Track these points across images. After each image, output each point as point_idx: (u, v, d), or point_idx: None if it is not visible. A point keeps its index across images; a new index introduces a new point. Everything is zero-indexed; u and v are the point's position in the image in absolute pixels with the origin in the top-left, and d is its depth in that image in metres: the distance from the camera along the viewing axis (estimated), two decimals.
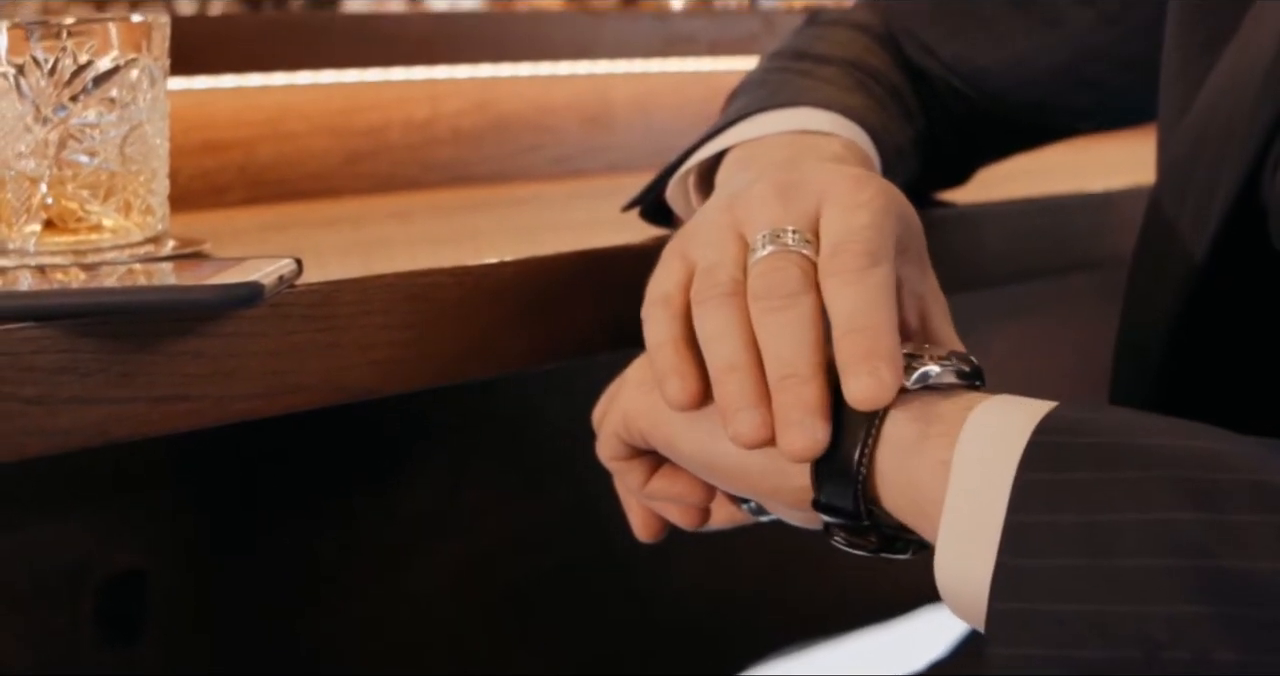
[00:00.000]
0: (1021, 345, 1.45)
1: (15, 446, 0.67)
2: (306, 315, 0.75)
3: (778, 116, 0.87)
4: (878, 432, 0.65)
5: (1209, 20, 0.84)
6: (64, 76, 0.83)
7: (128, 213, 0.86)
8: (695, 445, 0.70)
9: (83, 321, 0.68)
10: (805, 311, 0.66)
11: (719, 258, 0.70)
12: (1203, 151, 0.79)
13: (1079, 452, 0.60)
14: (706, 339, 0.67)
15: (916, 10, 1.03)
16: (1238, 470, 0.58)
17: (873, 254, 0.67)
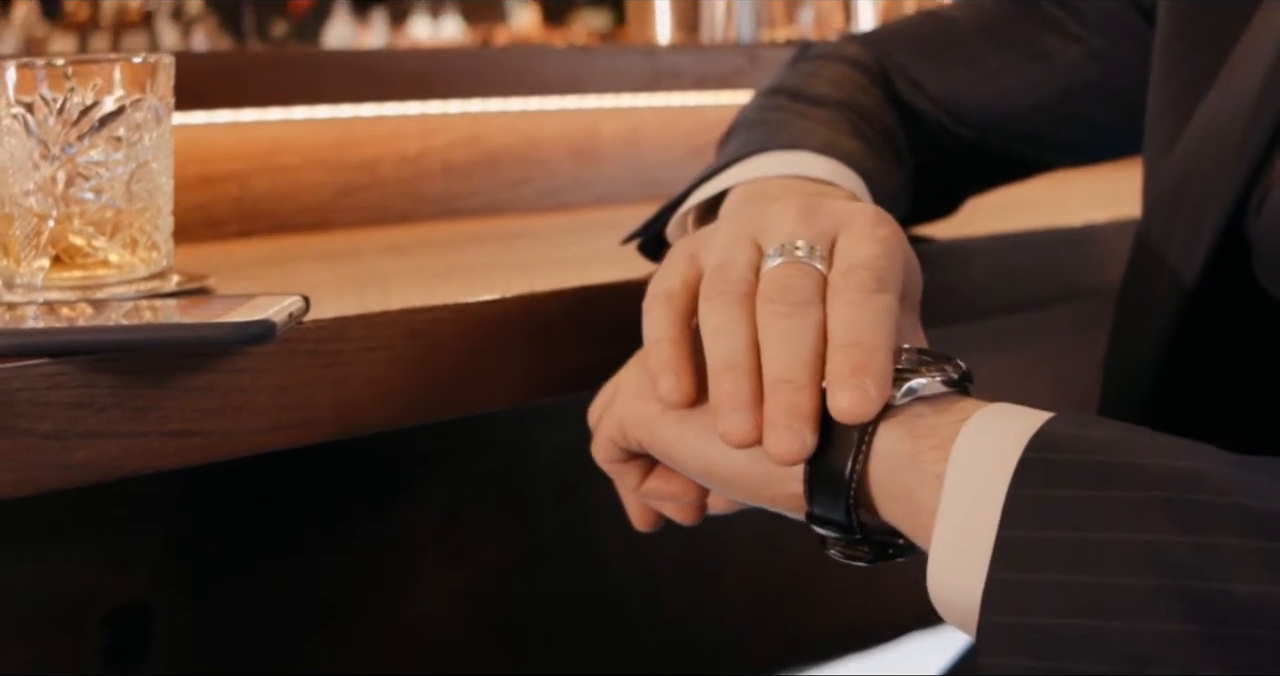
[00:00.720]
0: (1004, 376, 1.47)
1: (32, 480, 0.69)
2: (314, 351, 0.77)
3: (777, 159, 0.89)
4: (869, 446, 0.66)
5: (1195, 58, 0.86)
6: (72, 116, 0.85)
7: (134, 248, 0.87)
8: (692, 453, 0.71)
9: (98, 357, 0.70)
10: (810, 323, 0.67)
11: (733, 258, 0.71)
12: (1189, 187, 0.81)
13: (1070, 469, 0.61)
14: (710, 334, 0.69)
15: (906, 46, 1.05)
16: (1225, 493, 0.59)
17: (881, 281, 0.69)
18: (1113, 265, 1.25)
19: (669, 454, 0.72)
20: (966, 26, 1.05)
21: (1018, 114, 1.03)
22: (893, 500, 0.66)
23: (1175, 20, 0.89)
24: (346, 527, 1.03)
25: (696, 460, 0.71)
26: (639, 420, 0.73)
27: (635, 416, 0.73)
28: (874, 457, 0.66)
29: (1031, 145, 1.05)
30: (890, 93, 1.02)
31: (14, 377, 0.68)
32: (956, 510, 0.63)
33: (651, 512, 0.81)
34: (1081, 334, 1.51)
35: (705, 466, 0.71)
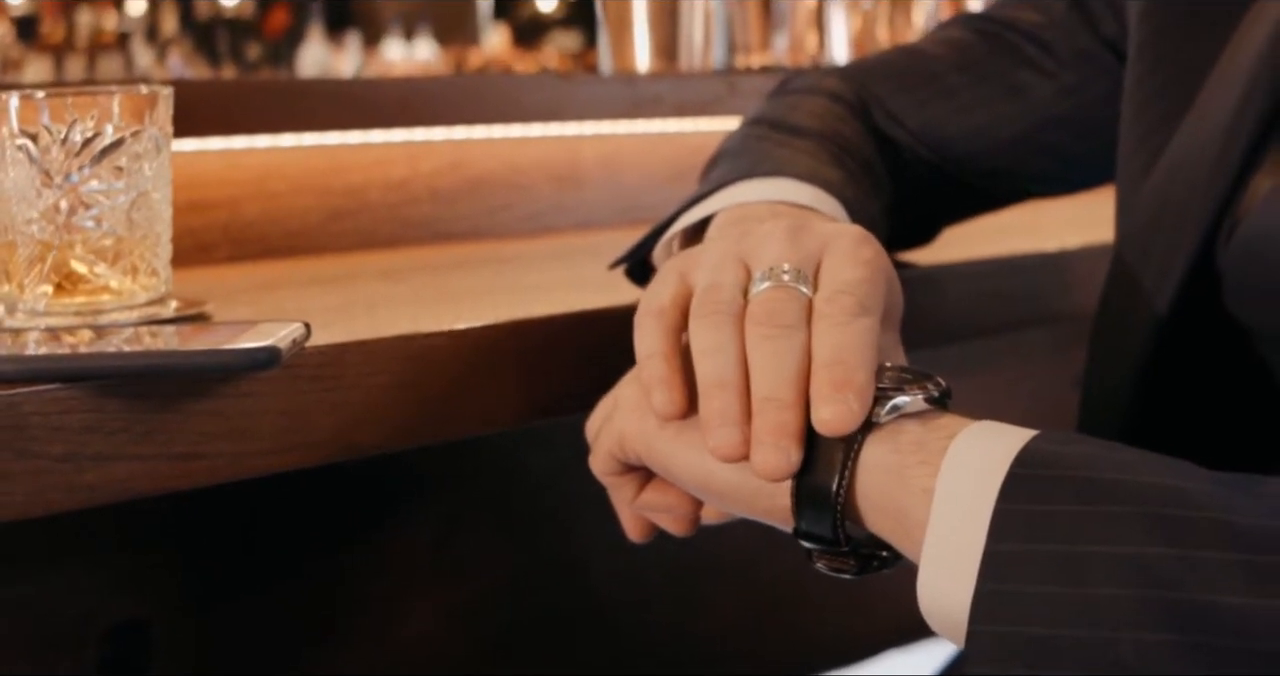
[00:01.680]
0: (982, 397, 1.49)
1: (44, 502, 0.71)
2: (315, 375, 0.79)
3: (761, 185, 0.92)
4: (855, 461, 0.69)
5: (1166, 94, 0.89)
6: (74, 146, 0.87)
7: (134, 275, 0.89)
8: (688, 467, 0.73)
9: (107, 383, 0.72)
10: (796, 344, 0.70)
11: (723, 279, 0.74)
12: (1162, 219, 0.83)
13: (1055, 485, 0.64)
14: (701, 353, 0.71)
15: (883, 80, 1.07)
16: (1204, 508, 0.62)
17: (864, 305, 0.71)
18: (1087, 289, 1.28)
19: (666, 467, 0.75)
20: (942, 61, 1.07)
21: (993, 147, 1.06)
22: (881, 513, 0.69)
23: (1146, 58, 0.92)
24: (341, 547, 1.05)
25: (692, 474, 0.74)
26: (637, 434, 0.75)
27: (634, 430, 0.76)
28: (861, 472, 0.68)
29: (1007, 177, 1.07)
30: (869, 124, 1.05)
31: (27, 402, 0.70)
32: (945, 523, 0.65)
33: (645, 524, 0.83)
34: (1057, 356, 1.54)
35: (700, 480, 0.73)
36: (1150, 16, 0.92)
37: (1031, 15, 1.06)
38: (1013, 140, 1.05)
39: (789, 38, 2.02)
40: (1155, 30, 0.92)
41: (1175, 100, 0.87)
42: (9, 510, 0.70)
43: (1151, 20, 0.92)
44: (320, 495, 1.03)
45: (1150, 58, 0.92)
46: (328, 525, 1.04)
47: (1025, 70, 1.05)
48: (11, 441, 0.69)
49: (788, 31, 2.01)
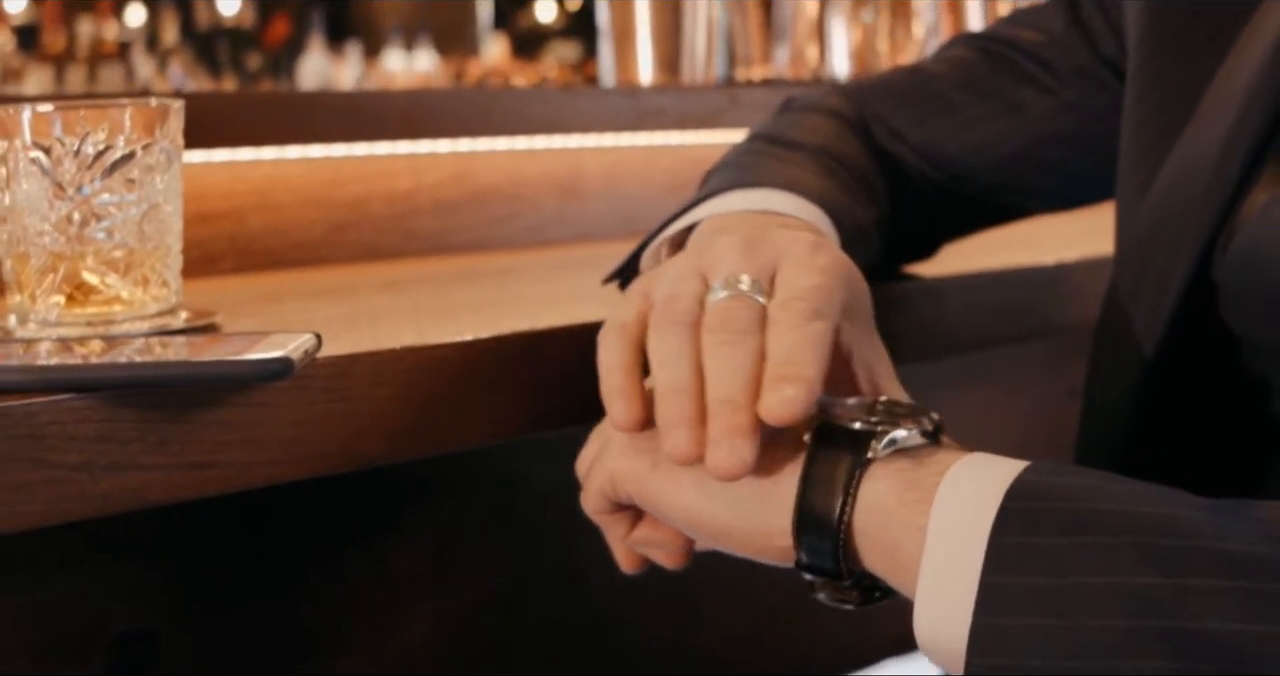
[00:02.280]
0: (981, 408, 1.50)
1: (60, 510, 0.72)
2: (325, 387, 0.80)
3: (745, 195, 0.93)
4: (854, 497, 0.70)
5: (1165, 110, 0.90)
6: (86, 159, 0.88)
7: (145, 286, 0.91)
8: (681, 508, 0.75)
9: (122, 393, 0.73)
10: (750, 350, 0.72)
11: (680, 291, 0.76)
12: (1161, 232, 0.85)
13: (1047, 517, 0.65)
14: (658, 361, 0.73)
15: (887, 98, 1.09)
16: (1197, 536, 0.63)
17: (817, 311, 0.73)
18: (1084, 301, 1.29)
19: (657, 507, 0.76)
20: (944, 80, 1.09)
21: (994, 163, 1.07)
22: (878, 549, 0.70)
23: (1146, 74, 0.93)
24: (344, 555, 1.06)
25: (685, 514, 0.75)
26: (629, 475, 0.76)
27: (625, 471, 0.77)
28: (859, 510, 0.70)
29: (1007, 192, 1.09)
30: (869, 142, 1.06)
31: (44, 412, 0.71)
32: (940, 558, 0.67)
33: (637, 556, 0.85)
34: (1055, 367, 1.55)
35: (693, 520, 0.75)
36: (1150, 34, 0.94)
37: (1032, 34, 1.08)
38: (1013, 156, 1.07)
39: (790, 50, 2.03)
40: (1154, 47, 0.93)
41: (1174, 115, 0.88)
42: (27, 519, 0.71)
43: (1151, 37, 0.94)
44: (324, 504, 1.04)
45: (1150, 74, 0.93)
46: (331, 533, 1.05)
47: (1026, 87, 1.07)
48: (29, 451, 0.71)
49: (788, 44, 2.03)
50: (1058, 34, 1.07)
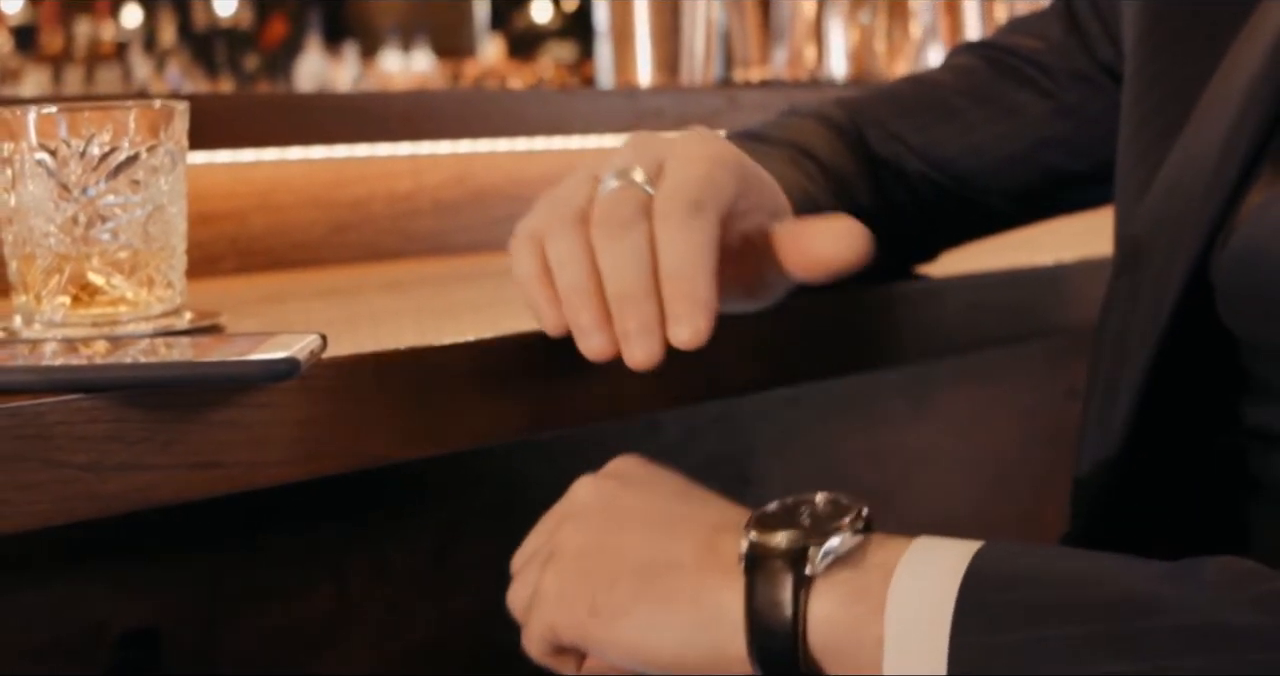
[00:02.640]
0: (980, 409, 1.51)
1: (68, 510, 0.73)
2: (330, 387, 0.81)
3: None
4: (804, 617, 0.69)
5: (1166, 108, 0.91)
6: (92, 160, 0.89)
7: (150, 287, 0.91)
8: (628, 649, 0.74)
9: (130, 393, 0.74)
10: (639, 239, 0.73)
11: (571, 193, 0.78)
12: (1160, 232, 0.85)
13: (1007, 612, 0.65)
14: (555, 263, 0.75)
15: (889, 105, 1.11)
16: (1161, 613, 0.63)
17: (699, 202, 0.74)
18: (1083, 302, 1.30)
19: (605, 653, 0.75)
20: (946, 86, 1.11)
21: (993, 165, 1.08)
22: (840, 661, 0.69)
23: (1144, 76, 0.94)
24: (346, 556, 1.07)
25: (634, 655, 0.74)
26: (568, 625, 0.75)
27: (565, 623, 0.75)
28: (812, 628, 0.69)
29: (1007, 196, 1.10)
30: (860, 148, 1.08)
31: (52, 412, 0.72)
32: (902, 668, 0.66)
33: None
34: (1053, 367, 1.56)
35: (644, 660, 0.74)
36: (1148, 36, 0.94)
37: (1031, 41, 1.10)
38: (1011, 158, 1.08)
39: (788, 51, 2.04)
40: (1153, 48, 0.94)
41: (1172, 116, 0.89)
42: (35, 518, 0.72)
43: (1149, 39, 0.94)
44: (325, 503, 1.04)
45: (1148, 75, 0.94)
46: (332, 534, 1.05)
47: (1025, 91, 1.08)
48: (38, 450, 0.71)
49: (786, 45, 2.03)
50: (1055, 40, 1.08)
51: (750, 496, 1.32)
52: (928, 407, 1.44)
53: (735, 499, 1.30)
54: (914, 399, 1.44)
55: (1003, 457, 1.54)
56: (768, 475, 1.33)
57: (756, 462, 1.31)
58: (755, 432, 1.31)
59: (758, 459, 1.32)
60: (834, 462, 1.39)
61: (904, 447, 1.44)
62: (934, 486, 1.48)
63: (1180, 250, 0.82)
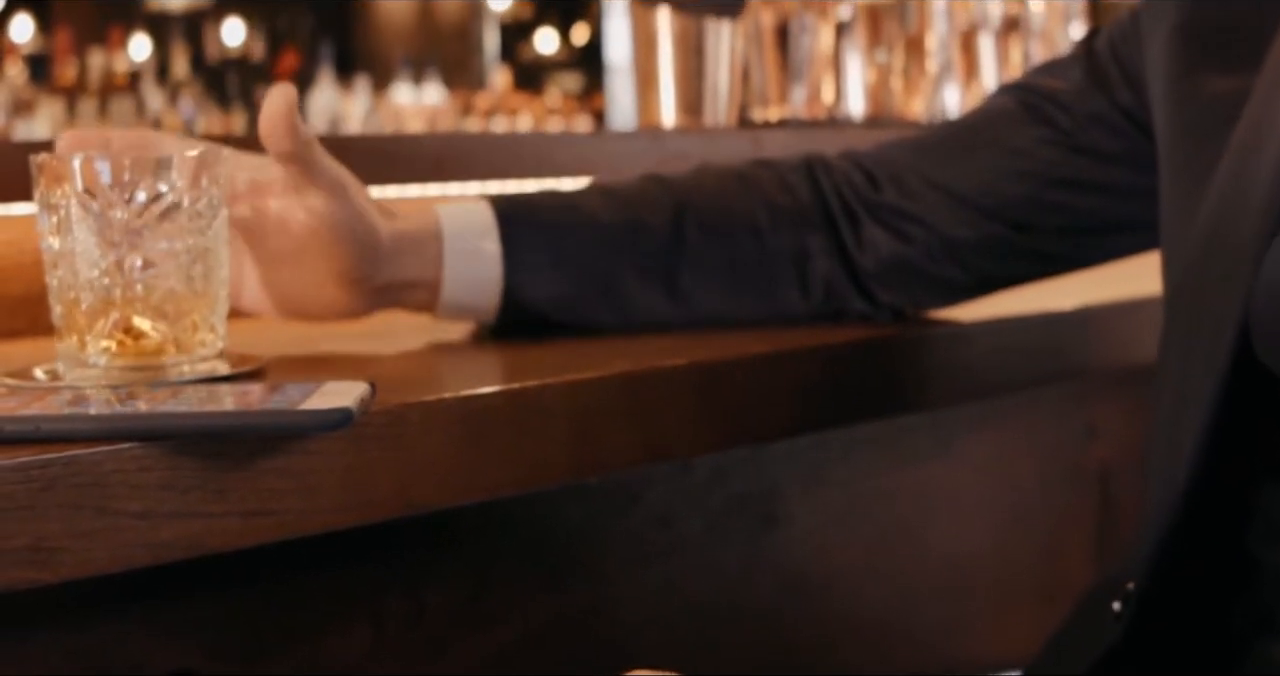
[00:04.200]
0: (999, 448, 1.52)
1: (122, 558, 0.73)
2: (379, 435, 0.82)
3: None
4: None
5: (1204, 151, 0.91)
6: (137, 207, 0.90)
7: (194, 331, 0.92)
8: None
9: (182, 442, 0.75)
10: None
11: None
12: (1209, 274, 0.85)
13: None
14: None
15: (914, 147, 1.15)
16: None
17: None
18: (1107, 345, 1.31)
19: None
20: (968, 123, 1.15)
21: (1006, 202, 1.11)
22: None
23: (1176, 124, 0.95)
24: (380, 597, 1.07)
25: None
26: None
27: None
28: None
29: (1025, 234, 1.11)
30: (808, 182, 1.15)
31: (107, 460, 0.73)
32: None
33: None
34: (1071, 405, 1.57)
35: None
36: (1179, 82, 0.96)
37: (1055, 81, 1.12)
38: (1025, 197, 1.11)
39: (806, 89, 2.05)
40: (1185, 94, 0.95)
41: (1211, 158, 0.89)
42: (90, 566, 0.73)
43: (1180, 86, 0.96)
44: (360, 544, 1.05)
45: (1182, 121, 0.95)
46: (368, 574, 1.06)
47: (1041, 128, 1.10)
48: (94, 499, 0.72)
49: (804, 83, 2.05)
50: (1076, 82, 1.10)
51: (777, 536, 1.34)
52: (950, 446, 1.45)
53: (762, 538, 1.32)
54: (937, 438, 1.44)
55: (1024, 495, 1.55)
56: (794, 515, 1.33)
57: (783, 502, 1.32)
58: (781, 473, 1.32)
59: (784, 498, 1.32)
60: (858, 501, 1.39)
61: (927, 486, 1.45)
62: (956, 524, 1.49)
63: (1232, 290, 0.82)
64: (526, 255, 1.06)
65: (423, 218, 1.06)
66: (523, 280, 1.06)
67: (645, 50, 1.66)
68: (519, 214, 1.07)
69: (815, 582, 1.36)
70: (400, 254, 1.03)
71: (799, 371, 1.04)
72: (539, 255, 1.06)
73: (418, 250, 1.05)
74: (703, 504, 1.26)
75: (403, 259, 1.04)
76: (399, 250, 1.03)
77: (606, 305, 1.09)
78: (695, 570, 1.25)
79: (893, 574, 1.42)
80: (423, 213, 1.06)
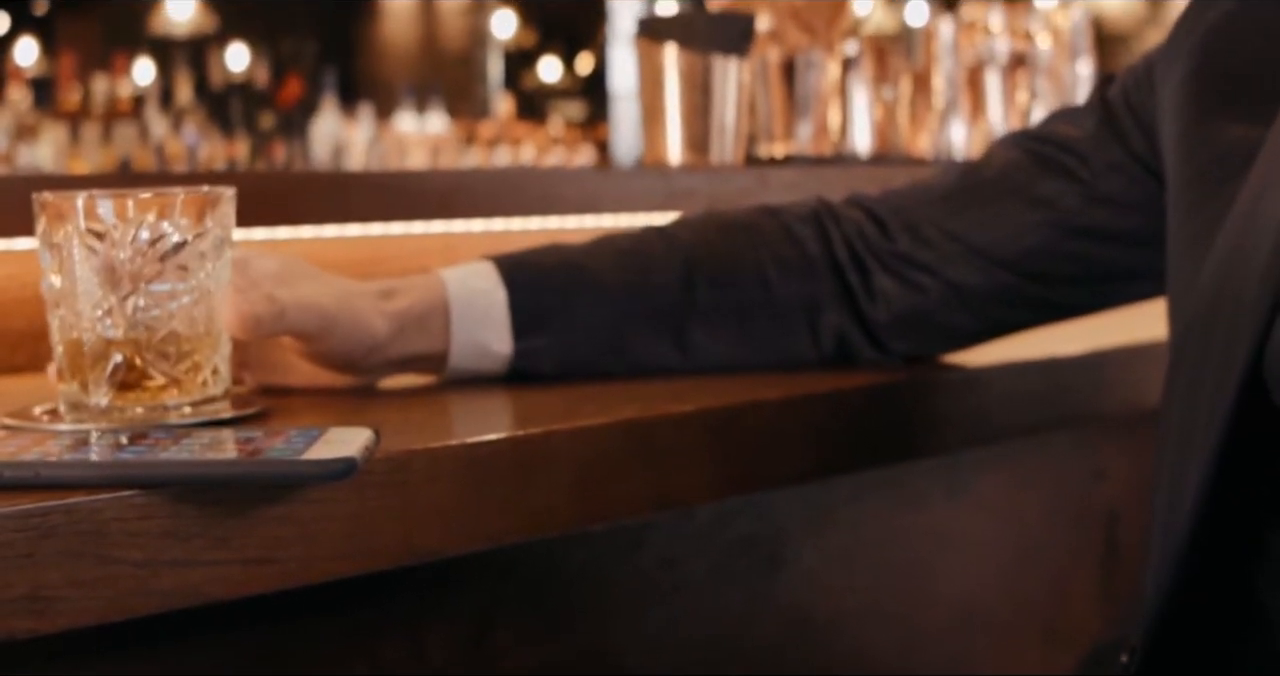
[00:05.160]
0: (1008, 491, 1.51)
1: (122, 606, 0.72)
2: (382, 482, 0.80)
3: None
4: None
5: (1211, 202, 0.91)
6: (141, 246, 0.89)
7: (196, 372, 0.91)
8: None
9: (183, 489, 0.73)
10: None
11: None
12: (1216, 321, 0.84)
13: None
14: None
15: (925, 195, 1.13)
16: None
17: None
18: (1118, 389, 1.30)
19: None
20: (984, 173, 1.14)
21: (1025, 252, 1.10)
22: None
23: (1187, 170, 0.94)
24: (382, 641, 1.06)
25: None
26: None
27: None
28: None
29: (1041, 282, 1.10)
30: (814, 230, 1.13)
31: (108, 507, 0.72)
32: None
33: None
34: (1080, 448, 1.56)
35: None
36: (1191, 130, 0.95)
37: (1071, 129, 1.11)
38: (1042, 247, 1.10)
39: (812, 125, 2.04)
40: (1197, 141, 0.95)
41: (1220, 205, 0.89)
42: (89, 614, 0.71)
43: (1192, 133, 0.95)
44: (360, 586, 1.04)
45: (1193, 168, 0.94)
46: (368, 616, 1.05)
47: (1059, 179, 1.10)
48: (94, 547, 0.71)
49: (811, 119, 2.04)
50: (1091, 131, 1.10)
51: (782, 577, 1.32)
52: (958, 488, 1.44)
53: (767, 579, 1.31)
54: (946, 479, 1.43)
55: (1031, 537, 1.54)
56: (799, 557, 1.32)
57: (789, 543, 1.31)
58: (787, 514, 1.31)
59: (789, 541, 1.31)
60: (864, 543, 1.38)
61: (934, 527, 1.44)
62: (963, 565, 1.47)
63: (1238, 338, 0.81)
64: (534, 323, 1.05)
65: (428, 289, 1.05)
66: (531, 348, 1.06)
67: (652, 87, 1.65)
68: (524, 277, 1.06)
69: (821, 623, 1.35)
70: (404, 332, 1.03)
71: (810, 417, 1.03)
72: (547, 322, 1.06)
73: (422, 325, 1.04)
74: (707, 544, 1.24)
75: (407, 336, 1.03)
76: (402, 328, 1.02)
77: (614, 361, 1.09)
78: (700, 612, 1.23)
79: (899, 615, 1.41)
80: (428, 282, 1.05)
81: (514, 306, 1.05)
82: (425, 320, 1.04)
